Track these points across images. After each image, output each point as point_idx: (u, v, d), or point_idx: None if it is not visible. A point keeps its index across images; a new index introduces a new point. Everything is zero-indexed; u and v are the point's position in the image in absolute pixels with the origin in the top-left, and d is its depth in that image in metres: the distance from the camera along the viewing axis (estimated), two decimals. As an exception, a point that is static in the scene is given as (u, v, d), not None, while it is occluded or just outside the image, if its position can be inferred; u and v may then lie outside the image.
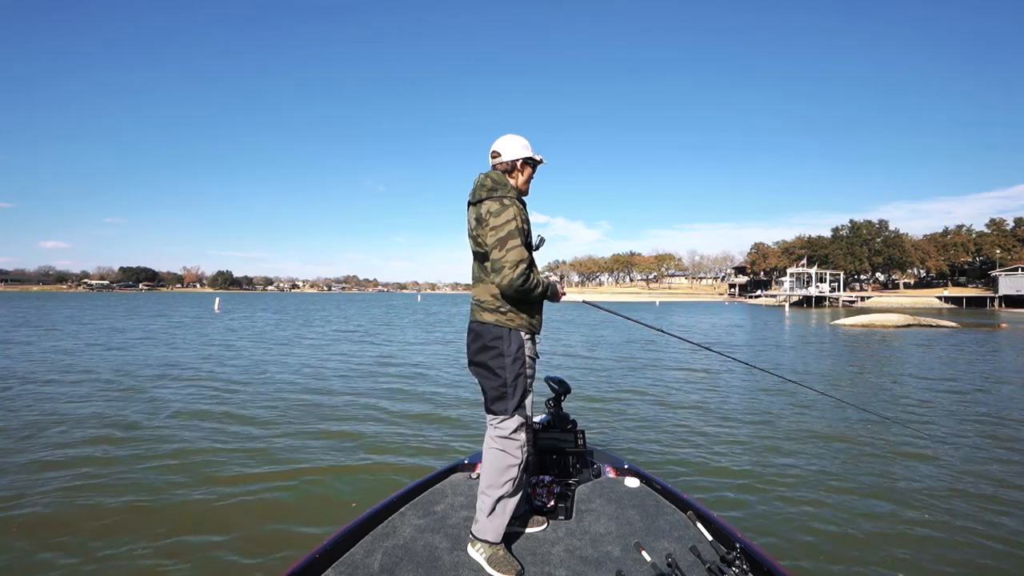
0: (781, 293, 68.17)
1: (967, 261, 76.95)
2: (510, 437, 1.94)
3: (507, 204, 1.89)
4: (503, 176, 2.00)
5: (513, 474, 1.92)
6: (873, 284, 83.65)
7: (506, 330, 1.93)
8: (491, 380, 1.95)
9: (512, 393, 1.93)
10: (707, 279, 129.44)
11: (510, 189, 1.95)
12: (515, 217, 1.86)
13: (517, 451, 1.95)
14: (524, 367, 1.95)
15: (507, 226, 1.85)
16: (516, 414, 1.95)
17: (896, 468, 4.09)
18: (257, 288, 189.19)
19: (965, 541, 2.92)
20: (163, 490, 3.50)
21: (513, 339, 1.93)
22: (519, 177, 2.03)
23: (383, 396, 6.76)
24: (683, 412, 5.95)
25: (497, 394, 1.95)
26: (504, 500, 1.92)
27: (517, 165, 2.02)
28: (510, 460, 1.93)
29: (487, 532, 1.88)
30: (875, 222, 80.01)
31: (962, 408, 6.29)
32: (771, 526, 3.08)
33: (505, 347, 1.93)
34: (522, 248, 1.86)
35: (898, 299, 62.21)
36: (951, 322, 23.83)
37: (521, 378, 1.95)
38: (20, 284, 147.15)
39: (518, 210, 1.90)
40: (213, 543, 2.82)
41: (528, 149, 2.05)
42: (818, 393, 6.17)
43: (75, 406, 5.88)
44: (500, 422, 1.94)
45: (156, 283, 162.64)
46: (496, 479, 1.92)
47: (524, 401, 1.97)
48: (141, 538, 2.86)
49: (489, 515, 1.90)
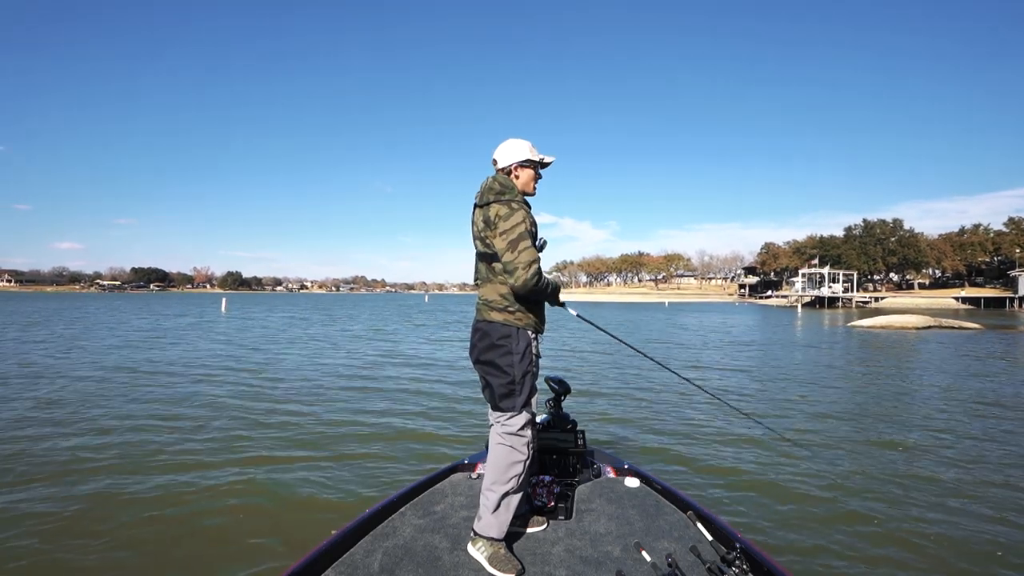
0: (792, 294, 67.34)
1: (985, 261, 75.38)
2: (517, 434, 1.98)
3: (515, 208, 1.96)
4: (509, 179, 2.07)
5: (519, 470, 1.96)
6: (887, 284, 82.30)
7: (514, 329, 1.99)
8: (500, 377, 1.99)
9: (520, 390, 1.98)
10: (716, 279, 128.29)
11: (517, 193, 2.03)
12: (524, 220, 1.94)
13: (524, 447, 1.99)
14: (531, 365, 2.01)
15: (517, 228, 1.92)
16: (524, 411, 2.00)
17: (900, 469, 4.04)
18: (266, 288, 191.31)
19: (968, 543, 2.88)
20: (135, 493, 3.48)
21: (521, 337, 1.98)
22: (518, 180, 2.10)
23: (392, 398, 6.79)
24: (683, 412, 5.92)
25: (506, 391, 1.99)
26: (509, 496, 1.94)
27: (513, 169, 2.09)
28: (517, 456, 1.97)
29: (491, 529, 1.89)
30: (889, 221, 78.73)
31: (974, 410, 6.16)
32: (771, 526, 3.07)
33: (514, 345, 1.98)
34: (533, 249, 1.94)
35: (913, 300, 61.10)
36: (974, 324, 22.84)
37: (529, 375, 2.01)
38: (35, 284, 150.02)
39: (526, 213, 1.97)
40: (214, 543, 2.84)
41: (527, 151, 2.09)
42: (818, 390, 6.07)
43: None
44: (508, 419, 1.98)
45: (167, 284, 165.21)
46: (502, 475, 1.95)
47: (531, 398, 2.03)
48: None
49: (494, 511, 1.92)
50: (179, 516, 3.14)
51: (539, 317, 2.07)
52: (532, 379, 2.02)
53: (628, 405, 6.29)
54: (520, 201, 2.02)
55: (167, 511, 3.21)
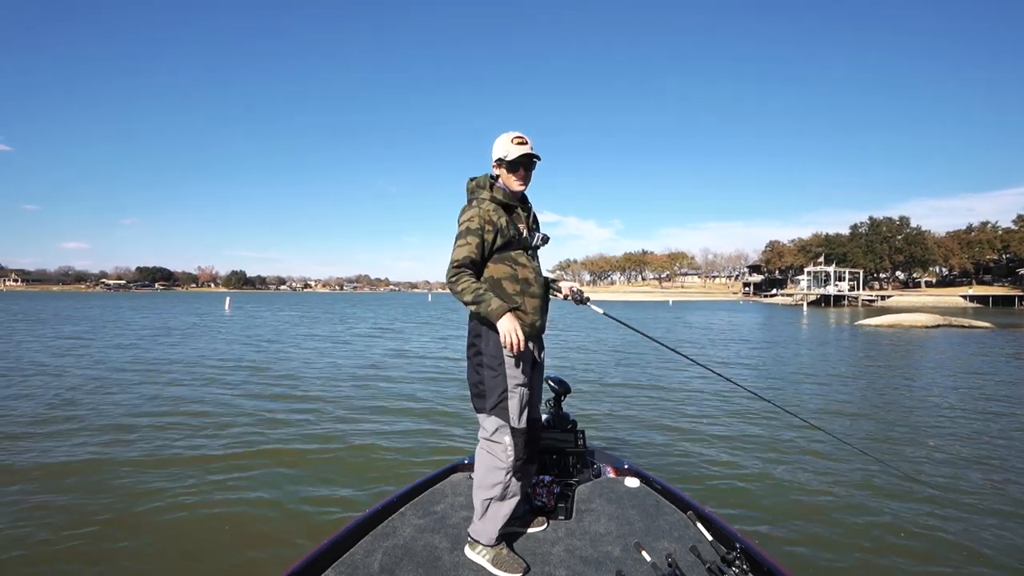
0: (798, 292, 66.91)
1: (993, 259, 74.55)
2: (491, 439, 1.91)
3: (473, 206, 1.89)
4: (486, 179, 1.98)
5: (499, 478, 1.88)
6: (893, 283, 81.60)
7: (484, 328, 1.89)
8: (471, 376, 1.96)
9: (489, 392, 1.89)
10: (721, 278, 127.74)
11: (488, 192, 1.92)
12: (472, 217, 1.85)
13: (501, 454, 1.89)
14: (503, 367, 1.87)
15: (461, 226, 1.87)
16: (493, 415, 1.89)
17: (911, 469, 4.00)
18: (270, 288, 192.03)
19: (970, 544, 2.86)
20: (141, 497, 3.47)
21: (492, 337, 1.86)
22: (501, 178, 1.97)
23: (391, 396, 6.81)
24: (684, 412, 5.90)
25: (475, 391, 1.96)
26: (494, 503, 1.88)
27: (495, 167, 1.98)
28: (494, 463, 1.89)
29: (480, 534, 1.88)
30: (895, 219, 78.03)
31: (979, 409, 6.11)
32: (771, 526, 3.06)
33: (483, 345, 1.90)
34: (467, 247, 1.83)
35: (920, 298, 60.51)
36: (984, 322, 22.37)
37: (500, 377, 1.88)
38: (41, 284, 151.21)
39: (480, 211, 1.86)
40: (214, 543, 2.84)
41: (500, 149, 1.94)
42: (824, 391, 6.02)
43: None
44: (483, 421, 1.94)
45: (171, 283, 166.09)
46: (483, 480, 1.91)
47: (504, 403, 1.88)
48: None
49: (481, 517, 1.89)
50: (179, 516, 3.13)
51: (520, 318, 1.88)
52: (503, 382, 1.87)
53: (628, 405, 6.28)
54: (483, 199, 1.90)
55: (167, 511, 3.20)
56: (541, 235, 2.06)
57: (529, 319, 1.92)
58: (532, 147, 1.94)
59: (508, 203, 1.94)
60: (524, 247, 1.97)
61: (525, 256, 1.97)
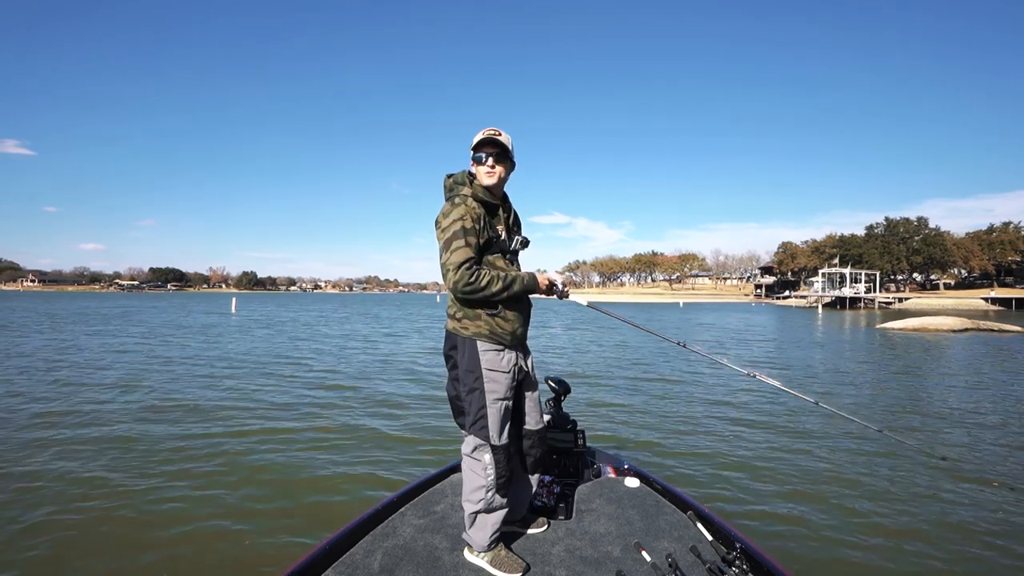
0: (812, 294, 65.86)
1: (1015, 260, 72.64)
2: (471, 456, 1.84)
3: (457, 203, 1.76)
4: (464, 175, 1.87)
5: (480, 496, 1.81)
6: (910, 285, 79.92)
7: (460, 339, 1.80)
8: (449, 390, 1.88)
9: (467, 409, 1.80)
10: (732, 279, 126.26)
11: (468, 188, 1.81)
12: (461, 217, 1.72)
13: (481, 472, 1.80)
14: (480, 381, 1.76)
15: (452, 227, 1.72)
16: (472, 433, 1.81)
17: (902, 473, 3.94)
18: (280, 288, 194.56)
19: (972, 545, 2.82)
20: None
21: (467, 348, 1.77)
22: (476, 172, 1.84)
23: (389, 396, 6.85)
24: (684, 412, 5.85)
25: (455, 407, 1.88)
26: (480, 515, 1.84)
27: (471, 166, 1.86)
28: (475, 480, 1.83)
29: (471, 540, 1.87)
30: (913, 220, 76.48)
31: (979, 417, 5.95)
32: (771, 526, 3.03)
33: (459, 357, 1.81)
34: (467, 248, 1.71)
35: (939, 300, 59.07)
36: (1014, 326, 21.15)
37: (477, 393, 1.77)
38: (57, 284, 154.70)
39: (467, 209, 1.74)
40: (213, 543, 2.84)
41: (474, 139, 1.83)
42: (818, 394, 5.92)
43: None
44: (465, 436, 1.86)
45: (184, 283, 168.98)
46: (467, 493, 1.87)
47: (483, 421, 1.77)
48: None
49: (470, 527, 1.87)
50: (179, 516, 3.12)
51: (500, 326, 1.77)
52: (481, 398, 1.75)
53: (629, 405, 6.23)
54: (465, 196, 1.78)
55: (163, 516, 3.15)
56: (521, 238, 1.93)
57: (510, 327, 1.82)
58: (507, 140, 1.80)
59: (489, 202, 1.83)
60: (502, 251, 1.86)
61: (503, 260, 1.86)
